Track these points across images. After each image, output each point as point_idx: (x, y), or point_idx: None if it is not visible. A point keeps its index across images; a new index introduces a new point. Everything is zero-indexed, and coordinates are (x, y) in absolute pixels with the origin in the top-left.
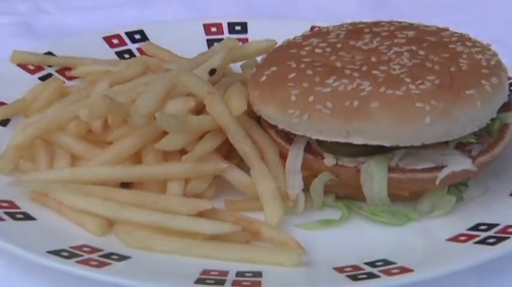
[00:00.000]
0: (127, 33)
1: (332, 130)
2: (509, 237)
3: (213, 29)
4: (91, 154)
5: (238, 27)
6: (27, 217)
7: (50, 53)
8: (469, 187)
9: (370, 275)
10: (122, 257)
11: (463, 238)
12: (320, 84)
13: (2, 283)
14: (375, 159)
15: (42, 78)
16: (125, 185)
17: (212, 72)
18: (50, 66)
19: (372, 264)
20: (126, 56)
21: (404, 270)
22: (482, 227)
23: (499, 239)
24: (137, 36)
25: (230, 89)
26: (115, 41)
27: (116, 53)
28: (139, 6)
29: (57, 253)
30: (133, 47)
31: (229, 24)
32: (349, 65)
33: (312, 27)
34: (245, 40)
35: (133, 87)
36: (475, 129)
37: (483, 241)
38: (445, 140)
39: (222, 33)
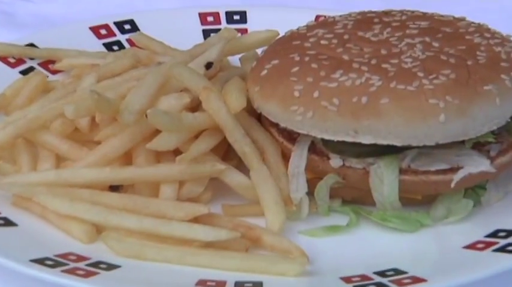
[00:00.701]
0: (116, 23)
1: (338, 129)
2: None
3: (210, 19)
4: (77, 155)
5: (236, 17)
6: (8, 222)
7: (32, 45)
8: (487, 190)
9: (380, 286)
10: (110, 266)
11: (480, 245)
12: (326, 78)
13: None
14: (385, 160)
15: (24, 72)
16: (114, 188)
17: (208, 65)
18: (32, 59)
19: (381, 273)
20: (115, 47)
21: (416, 280)
22: (502, 234)
23: None
24: (127, 27)
25: (228, 84)
26: (103, 31)
27: (104, 44)
28: None
29: (41, 261)
30: (122, 38)
31: (227, 13)
32: (357, 58)
33: (317, 17)
34: (244, 31)
35: (123, 82)
36: (493, 128)
37: (502, 249)
38: (461, 140)
39: (220, 23)
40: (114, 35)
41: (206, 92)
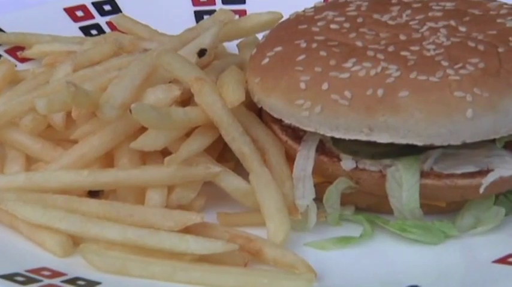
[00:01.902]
0: (94, 4)
1: (351, 126)
2: None
3: None
4: (51, 155)
5: None
6: None
7: None
8: None
9: None
10: (90, 283)
11: None
12: (336, 68)
13: None
14: (404, 162)
15: None
16: (94, 194)
17: (202, 53)
18: None
19: None
20: (94, 32)
21: None
22: None
23: None
24: (107, 8)
25: (224, 74)
26: (79, 13)
27: (81, 28)
28: None
29: (10, 277)
30: (102, 20)
31: None
32: (372, 44)
33: None
34: (243, 12)
35: (103, 72)
36: None
37: None
38: (492, 138)
39: (214, 3)
40: (93, 17)
41: (199, 84)
